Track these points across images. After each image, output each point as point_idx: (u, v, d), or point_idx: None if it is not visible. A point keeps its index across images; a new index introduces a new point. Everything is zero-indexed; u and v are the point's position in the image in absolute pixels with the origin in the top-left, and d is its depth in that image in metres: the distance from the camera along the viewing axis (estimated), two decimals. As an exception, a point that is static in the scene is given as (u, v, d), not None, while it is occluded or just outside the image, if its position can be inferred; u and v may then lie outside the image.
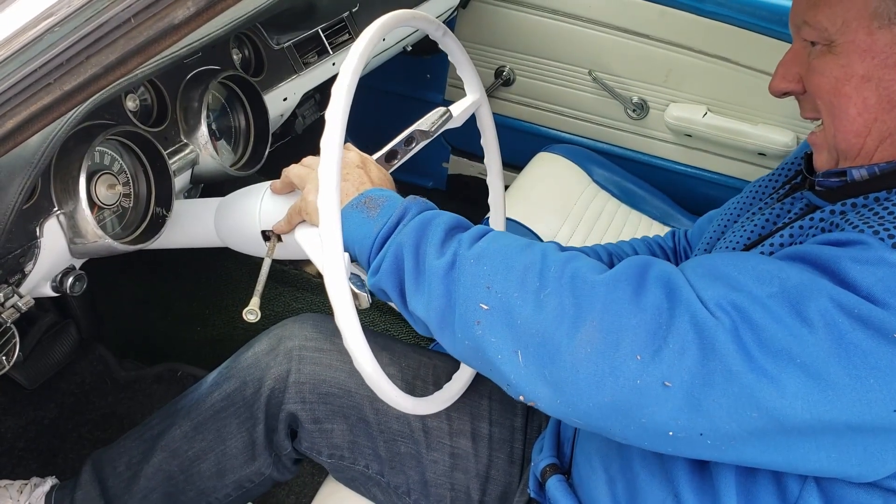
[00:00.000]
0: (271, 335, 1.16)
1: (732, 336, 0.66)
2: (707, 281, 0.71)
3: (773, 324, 0.66)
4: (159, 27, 0.58)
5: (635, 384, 0.68)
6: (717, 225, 1.04)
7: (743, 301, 0.68)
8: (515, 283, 0.74)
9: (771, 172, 1.03)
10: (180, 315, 1.91)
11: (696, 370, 0.66)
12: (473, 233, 0.82)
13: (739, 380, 0.65)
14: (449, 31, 1.03)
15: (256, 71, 1.37)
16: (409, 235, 0.82)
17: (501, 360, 0.74)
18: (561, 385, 0.71)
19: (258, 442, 1.13)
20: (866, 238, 0.68)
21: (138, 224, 1.10)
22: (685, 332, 0.67)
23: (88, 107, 0.92)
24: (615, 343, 0.69)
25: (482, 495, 1.09)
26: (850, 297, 0.65)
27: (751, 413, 0.65)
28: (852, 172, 0.80)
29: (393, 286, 0.83)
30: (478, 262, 0.77)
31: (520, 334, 0.73)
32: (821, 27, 0.78)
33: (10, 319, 0.97)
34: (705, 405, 0.66)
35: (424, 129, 1.07)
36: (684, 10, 1.84)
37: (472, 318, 0.75)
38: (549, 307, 0.72)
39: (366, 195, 0.88)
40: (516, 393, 0.75)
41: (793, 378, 0.64)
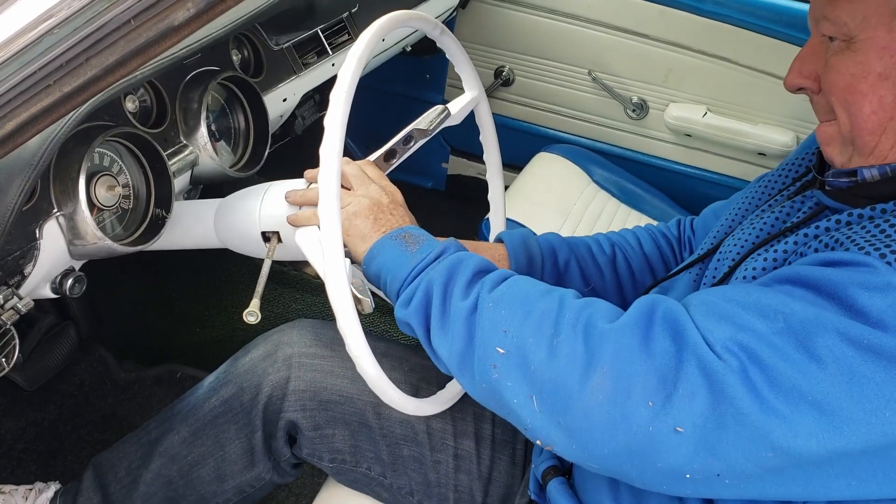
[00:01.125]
0: (269, 341, 1.15)
1: (741, 378, 0.66)
2: (712, 321, 0.71)
3: (781, 362, 0.65)
4: (159, 29, 0.58)
5: (648, 431, 0.68)
6: (725, 221, 1.03)
7: (749, 341, 0.67)
8: (531, 328, 0.76)
9: (779, 167, 1.01)
10: (180, 316, 1.91)
11: (707, 414, 0.66)
12: (496, 276, 0.83)
13: (751, 422, 0.65)
14: (447, 29, 1.03)
15: (256, 72, 1.37)
16: (440, 273, 0.83)
17: (517, 404, 0.75)
18: (575, 431, 0.72)
19: (257, 448, 1.12)
20: (872, 261, 0.67)
21: (138, 225, 1.10)
22: (694, 377, 0.67)
23: (88, 108, 0.92)
24: (626, 390, 0.69)
25: (484, 496, 1.09)
26: (858, 328, 0.64)
27: (765, 453, 0.65)
28: (863, 172, 0.79)
29: (419, 322, 0.84)
30: (496, 305, 0.78)
31: (534, 380, 0.74)
32: (840, 22, 0.76)
33: (10, 321, 0.97)
34: (719, 448, 0.66)
35: (423, 127, 1.07)
36: (684, 9, 1.84)
37: (490, 362, 0.76)
38: (561, 354, 0.73)
39: (406, 230, 0.90)
40: (534, 437, 0.76)
41: (805, 416, 0.64)
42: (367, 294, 0.88)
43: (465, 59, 1.07)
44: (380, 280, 0.89)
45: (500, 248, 1.13)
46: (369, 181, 0.95)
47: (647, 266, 1.19)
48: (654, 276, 1.20)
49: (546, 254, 1.14)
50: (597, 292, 1.17)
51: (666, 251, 1.22)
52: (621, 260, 1.18)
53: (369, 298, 0.88)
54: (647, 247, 1.21)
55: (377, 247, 0.89)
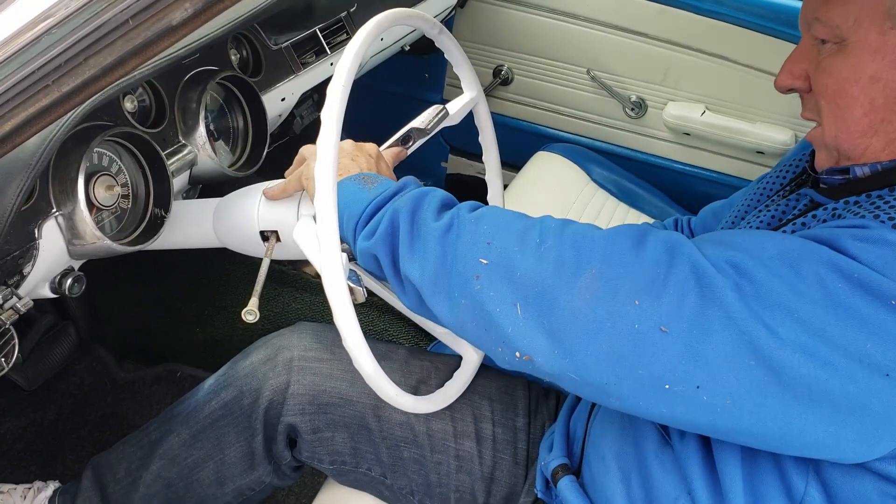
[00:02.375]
0: (269, 345, 1.15)
1: (733, 285, 0.66)
2: (710, 244, 0.72)
3: (773, 278, 0.66)
4: (157, 28, 0.58)
5: (633, 329, 0.68)
6: (727, 220, 1.04)
7: (744, 259, 0.68)
8: (516, 238, 0.76)
9: (776, 168, 1.02)
10: (179, 316, 1.91)
11: (694, 316, 0.67)
12: (470, 203, 0.84)
13: (738, 326, 0.65)
14: (445, 28, 1.03)
15: (254, 71, 1.37)
16: (406, 202, 0.83)
17: (500, 312, 0.74)
18: (559, 333, 0.71)
19: (257, 452, 1.12)
20: (867, 222, 0.69)
21: (137, 225, 1.10)
22: (685, 278, 0.68)
23: (87, 108, 0.92)
24: (614, 290, 0.69)
25: (487, 497, 1.09)
26: (850, 264, 0.65)
27: (748, 361, 0.65)
28: (855, 170, 0.80)
29: (386, 251, 0.83)
30: (477, 222, 0.79)
31: (519, 286, 0.74)
32: (833, 24, 0.77)
33: (9, 321, 0.97)
34: (703, 353, 0.66)
35: (421, 127, 1.07)
36: (682, 8, 1.84)
37: (471, 274, 0.76)
38: (548, 259, 0.73)
39: (365, 174, 0.90)
40: (512, 349, 0.75)
41: (790, 330, 0.65)
42: (359, 283, 0.88)
43: (463, 60, 1.07)
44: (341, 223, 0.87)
45: None
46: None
47: None
48: None
49: None
50: None
51: None
52: None
53: (362, 288, 0.88)
54: None
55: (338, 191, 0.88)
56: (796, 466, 0.74)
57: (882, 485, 0.71)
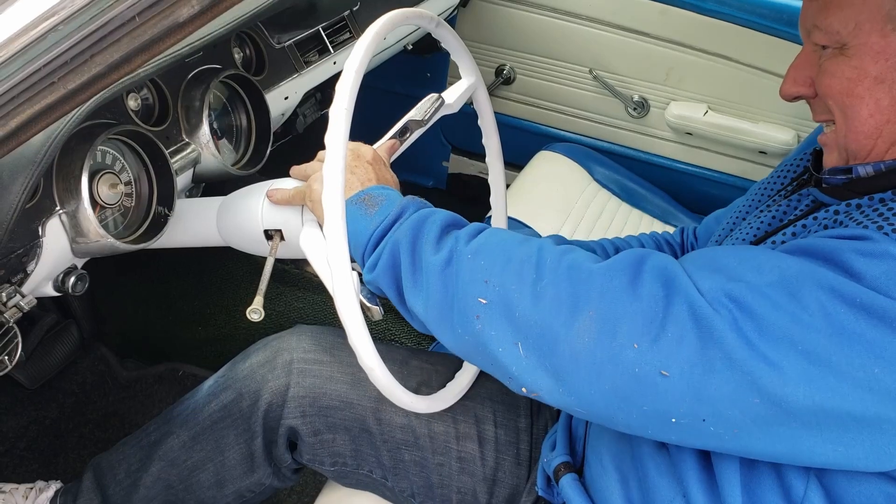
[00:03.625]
0: (268, 347, 1.15)
1: (731, 325, 0.66)
2: (705, 272, 0.72)
3: (773, 311, 0.66)
4: (163, 26, 0.58)
5: (634, 372, 0.68)
6: (726, 224, 1.04)
7: (741, 291, 0.68)
8: (513, 275, 0.75)
9: (776, 170, 1.02)
10: (181, 315, 1.91)
11: (694, 359, 0.66)
12: (470, 229, 0.83)
13: (740, 367, 0.65)
14: (442, 21, 1.02)
15: (258, 70, 1.37)
16: (405, 233, 0.83)
17: (502, 352, 0.75)
18: (562, 374, 0.72)
19: (257, 454, 1.12)
20: (870, 233, 0.68)
21: (140, 223, 1.10)
22: (683, 320, 0.67)
23: (91, 106, 0.92)
24: (612, 331, 0.69)
25: (489, 497, 1.08)
26: (851, 286, 0.65)
27: (752, 399, 0.65)
28: (857, 169, 0.80)
29: (389, 284, 0.84)
30: (475, 257, 0.78)
31: (519, 326, 0.73)
32: (832, 30, 0.77)
33: (13, 319, 0.97)
34: (706, 393, 0.66)
35: (417, 118, 1.06)
36: (685, 8, 1.84)
37: (472, 313, 0.76)
38: (546, 298, 0.73)
39: (366, 192, 0.89)
40: (518, 385, 0.75)
41: (794, 364, 0.64)
42: (375, 301, 0.88)
43: (461, 47, 1.06)
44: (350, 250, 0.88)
45: None
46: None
47: None
48: None
49: None
50: None
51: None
52: None
53: (378, 307, 0.88)
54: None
55: None
56: (796, 470, 0.74)
57: (888, 487, 0.70)
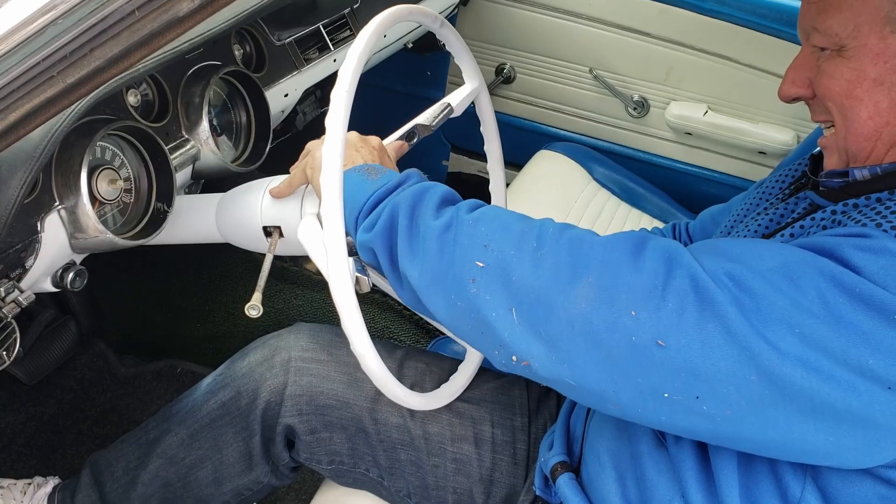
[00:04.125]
0: (266, 345, 1.15)
1: (733, 300, 0.66)
2: (710, 255, 0.72)
3: (773, 293, 0.66)
4: (163, 20, 0.58)
5: (630, 340, 0.68)
6: (724, 226, 1.04)
7: (742, 272, 0.68)
8: (513, 242, 0.75)
9: (776, 172, 1.02)
10: (180, 311, 1.91)
11: (693, 331, 0.66)
12: (471, 202, 0.83)
13: (738, 341, 0.65)
14: (446, 22, 1.03)
15: (258, 67, 1.37)
16: (405, 198, 0.83)
17: (495, 317, 0.74)
18: (555, 341, 0.71)
19: (255, 452, 1.12)
20: (869, 230, 0.68)
21: (139, 219, 1.10)
22: (684, 292, 0.67)
23: (90, 101, 0.92)
24: (610, 299, 0.69)
25: (486, 498, 1.08)
26: (851, 277, 0.65)
27: (749, 376, 0.65)
28: (854, 172, 0.80)
29: (384, 246, 0.83)
30: (476, 223, 0.78)
31: (515, 291, 0.73)
32: (831, 32, 0.77)
33: (11, 314, 0.97)
34: (703, 367, 0.66)
35: (425, 123, 1.07)
36: (685, 8, 1.84)
37: (468, 276, 0.76)
38: (545, 265, 0.72)
39: (369, 165, 0.90)
40: (509, 353, 0.74)
41: (791, 345, 0.64)
42: (364, 272, 0.88)
43: (464, 51, 1.07)
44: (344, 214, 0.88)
45: None
46: None
47: None
48: None
49: None
50: None
51: None
52: None
53: (367, 278, 0.88)
54: None
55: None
56: (793, 470, 0.74)
57: (882, 489, 0.71)
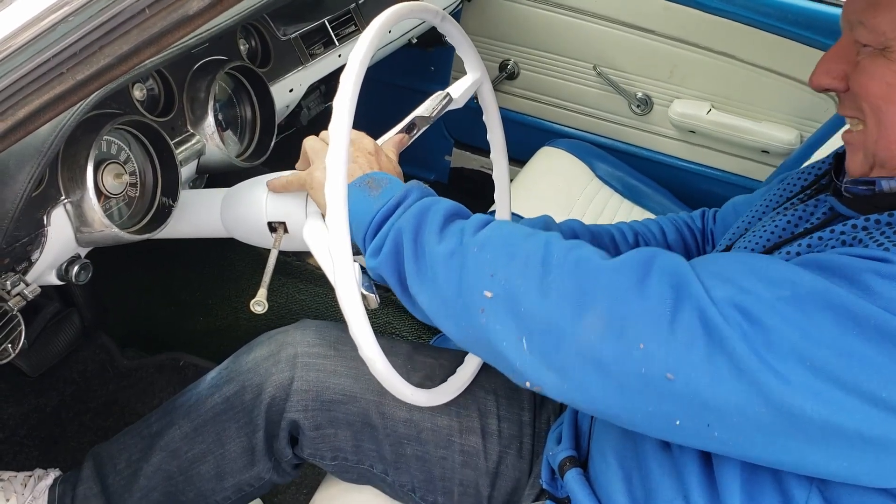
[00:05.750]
0: (272, 340, 1.15)
1: (741, 336, 0.65)
2: (718, 281, 0.70)
3: (783, 326, 0.65)
4: (173, 18, 0.58)
5: (640, 373, 0.67)
6: (743, 221, 1.03)
7: (752, 304, 0.67)
8: (519, 270, 0.74)
9: (801, 169, 1.00)
10: (183, 305, 1.92)
11: (702, 365, 0.66)
12: (475, 221, 0.82)
13: (747, 376, 0.64)
14: (448, 15, 1.02)
15: (263, 62, 1.37)
16: (408, 220, 0.82)
17: (506, 347, 0.74)
18: (566, 371, 0.71)
19: (258, 448, 1.12)
20: (892, 255, 0.67)
21: (144, 214, 1.10)
22: (693, 326, 0.67)
23: (98, 96, 0.92)
24: (619, 331, 0.68)
25: (491, 490, 1.09)
26: (867, 307, 0.64)
27: (759, 408, 0.65)
28: (881, 183, 0.78)
29: (391, 271, 0.83)
30: (481, 249, 0.77)
31: (524, 321, 0.73)
32: (879, 30, 0.74)
33: (17, 307, 0.97)
34: (713, 399, 0.66)
35: (425, 114, 1.06)
36: (689, 6, 1.84)
37: (476, 307, 0.75)
38: (553, 294, 0.72)
39: (369, 176, 0.89)
40: (522, 379, 0.75)
41: (802, 378, 0.63)
42: (372, 290, 0.88)
43: (466, 42, 1.06)
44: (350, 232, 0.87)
45: None
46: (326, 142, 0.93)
47: None
48: None
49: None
50: None
51: (689, 242, 1.21)
52: None
53: (375, 295, 0.88)
54: (671, 237, 1.20)
55: None
56: (797, 480, 0.74)
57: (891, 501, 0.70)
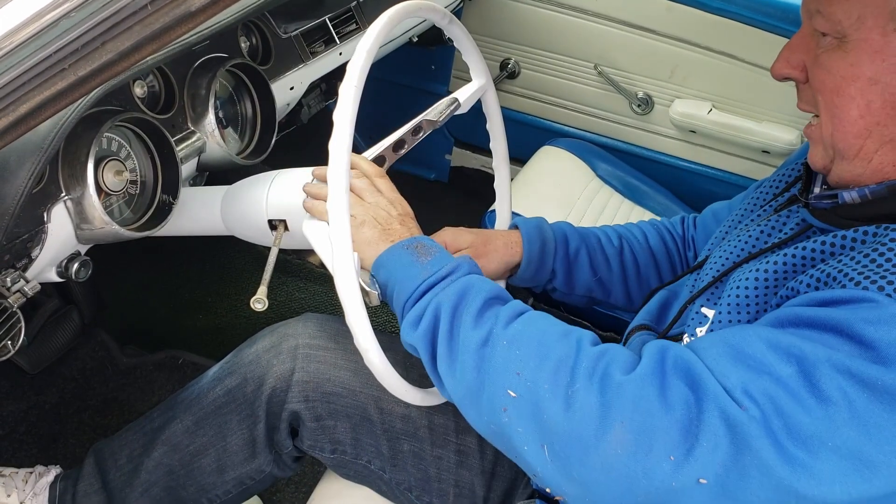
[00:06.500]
0: (274, 333, 1.15)
1: (763, 427, 0.65)
2: (727, 365, 0.70)
3: (800, 409, 0.65)
4: (175, 14, 0.58)
5: (670, 486, 0.67)
6: (722, 228, 1.04)
7: (767, 387, 0.67)
8: (547, 375, 0.73)
9: (775, 173, 1.02)
10: (183, 302, 1.92)
11: (730, 465, 0.65)
12: (511, 310, 0.80)
13: (775, 472, 0.64)
14: (455, 18, 1.03)
15: (264, 59, 1.37)
16: (449, 296, 0.81)
17: (528, 451, 0.73)
18: (590, 485, 0.70)
19: (259, 440, 1.12)
20: (872, 296, 0.67)
21: (145, 211, 1.10)
22: (716, 427, 0.66)
23: (98, 93, 0.92)
24: (647, 445, 0.67)
25: (487, 491, 1.09)
26: (870, 368, 0.64)
27: (789, 500, 0.65)
28: (843, 195, 0.79)
29: (425, 347, 0.82)
30: (511, 344, 0.76)
31: (547, 429, 0.72)
32: (835, 19, 0.75)
33: (16, 304, 0.97)
34: (742, 497, 0.65)
35: (432, 118, 1.07)
36: (691, 5, 1.84)
37: (500, 404, 0.74)
38: (576, 405, 0.71)
39: (418, 240, 0.88)
40: (543, 484, 0.74)
41: (828, 463, 0.63)
42: (374, 287, 0.88)
43: (472, 48, 1.07)
44: (387, 290, 0.88)
45: (515, 234, 1.14)
46: (379, 193, 0.95)
47: (651, 260, 1.20)
48: (658, 271, 1.21)
49: (559, 241, 1.15)
50: (603, 283, 1.18)
51: (671, 247, 1.23)
52: (628, 253, 1.19)
53: (377, 291, 0.88)
54: (653, 241, 1.22)
55: (387, 255, 0.87)
56: None
57: None
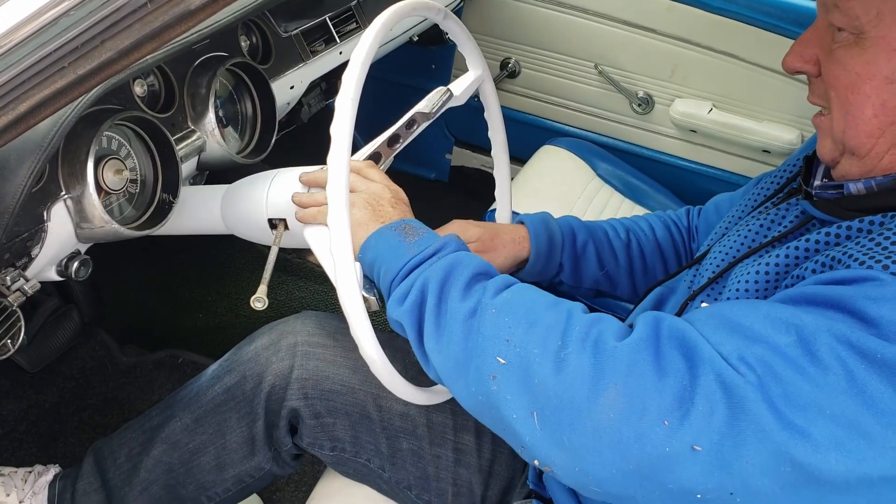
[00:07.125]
0: (273, 330, 1.15)
1: (760, 392, 0.64)
2: (723, 334, 0.69)
3: (798, 376, 0.64)
4: (175, 13, 0.58)
5: (664, 451, 0.65)
6: (723, 223, 1.04)
7: (764, 353, 0.66)
8: (537, 339, 0.72)
9: (779, 168, 1.01)
10: (182, 302, 1.91)
11: (725, 430, 0.64)
12: (499, 281, 0.80)
13: (772, 437, 0.63)
14: (450, 12, 1.02)
15: (264, 58, 1.37)
16: (436, 272, 0.80)
17: (516, 419, 0.71)
18: (580, 451, 0.68)
19: (258, 437, 1.12)
20: (877, 274, 0.66)
21: (145, 210, 1.10)
22: (712, 391, 0.65)
23: (98, 91, 0.92)
24: (640, 409, 0.66)
25: (485, 490, 1.09)
26: (871, 341, 0.63)
27: (784, 468, 0.63)
28: (849, 186, 0.78)
29: (412, 323, 0.81)
30: (500, 312, 0.75)
31: (537, 394, 0.70)
32: (853, 14, 0.73)
33: (16, 303, 0.97)
34: (736, 465, 0.64)
35: (425, 110, 1.06)
36: (691, 5, 1.84)
37: (489, 372, 0.73)
38: (568, 368, 0.69)
39: (406, 221, 0.88)
40: (531, 457, 0.73)
41: (824, 430, 0.62)
42: (372, 293, 0.88)
43: (468, 40, 1.06)
44: (373, 270, 0.87)
45: (521, 230, 1.14)
46: (370, 181, 0.95)
47: (658, 253, 1.21)
48: (664, 263, 1.21)
49: (566, 235, 1.15)
50: (610, 276, 1.18)
51: (677, 240, 1.23)
52: (635, 246, 1.19)
53: (375, 297, 0.88)
54: (660, 234, 1.22)
55: (375, 236, 0.87)
56: None
57: None
